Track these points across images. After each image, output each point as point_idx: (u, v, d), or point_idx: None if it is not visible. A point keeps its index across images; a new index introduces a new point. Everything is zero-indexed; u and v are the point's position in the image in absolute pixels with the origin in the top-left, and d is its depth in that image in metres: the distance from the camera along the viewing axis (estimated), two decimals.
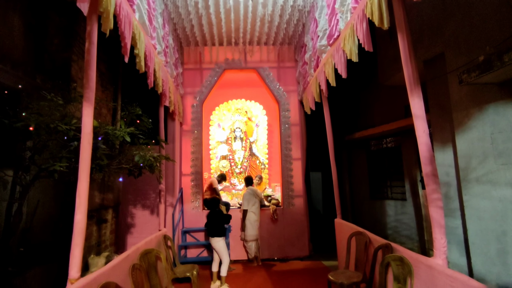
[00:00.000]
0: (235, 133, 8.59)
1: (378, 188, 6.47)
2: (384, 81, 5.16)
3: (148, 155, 3.26)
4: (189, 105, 6.64)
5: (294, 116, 6.72)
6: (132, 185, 5.66)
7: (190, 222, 6.24)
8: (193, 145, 6.52)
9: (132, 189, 5.69)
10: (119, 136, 2.87)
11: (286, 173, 6.53)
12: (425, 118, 2.55)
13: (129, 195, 5.69)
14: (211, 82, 6.71)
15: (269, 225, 6.32)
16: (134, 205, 5.66)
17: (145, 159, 3.17)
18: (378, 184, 6.47)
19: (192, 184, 6.40)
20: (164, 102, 4.94)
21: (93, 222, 3.94)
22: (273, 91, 6.76)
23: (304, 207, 6.41)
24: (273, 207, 6.37)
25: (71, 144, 2.50)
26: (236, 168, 8.45)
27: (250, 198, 5.86)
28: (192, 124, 6.57)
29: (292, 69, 6.88)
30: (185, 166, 6.44)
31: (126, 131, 3.00)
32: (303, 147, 6.65)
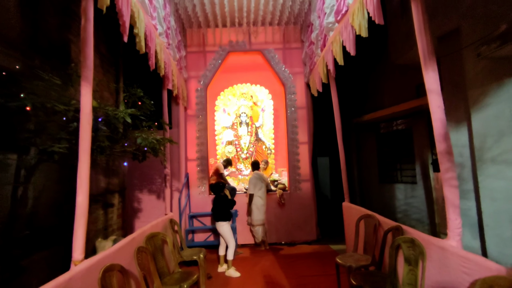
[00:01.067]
0: (241, 118, 8.47)
1: (388, 171, 6.33)
2: (395, 60, 4.94)
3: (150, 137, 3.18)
4: (193, 90, 6.52)
5: (300, 99, 6.56)
6: (138, 170, 5.64)
7: (197, 207, 6.24)
8: (198, 130, 6.44)
9: (138, 174, 5.67)
10: (119, 117, 2.79)
11: (292, 157, 6.43)
12: (440, 92, 2.40)
13: (135, 180, 5.68)
14: (215, 65, 6.55)
15: (276, 210, 6.28)
16: (140, 190, 5.66)
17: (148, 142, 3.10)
18: (387, 168, 6.33)
19: (198, 169, 6.36)
20: (167, 86, 4.84)
21: (99, 206, 3.94)
22: (278, 73, 6.59)
23: (311, 191, 6.34)
24: (279, 191, 6.31)
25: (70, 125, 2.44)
26: (242, 154, 8.39)
27: (257, 182, 5.80)
28: (197, 109, 6.47)
29: (298, 50, 6.66)
30: (191, 151, 6.39)
31: (127, 112, 2.92)
32: (310, 131, 6.52)
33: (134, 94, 3.32)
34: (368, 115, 6.14)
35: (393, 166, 6.18)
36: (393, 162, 6.17)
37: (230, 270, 4.56)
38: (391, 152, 6.24)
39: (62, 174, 3.35)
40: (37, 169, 2.85)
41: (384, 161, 6.44)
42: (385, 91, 5.98)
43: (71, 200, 3.53)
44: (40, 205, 3.10)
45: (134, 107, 3.37)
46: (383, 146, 6.47)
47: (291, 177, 6.39)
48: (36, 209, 3.07)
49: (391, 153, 6.24)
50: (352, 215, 4.43)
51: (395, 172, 6.09)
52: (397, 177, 6.06)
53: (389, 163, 6.30)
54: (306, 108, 6.52)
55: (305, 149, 6.44)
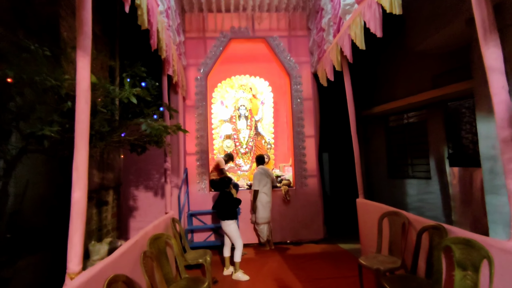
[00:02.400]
0: (240, 111, 8.08)
1: (398, 166, 6.07)
2: (415, 46, 4.64)
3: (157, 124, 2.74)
4: (192, 78, 6.06)
5: (306, 90, 6.20)
6: (134, 165, 5.16)
7: (196, 204, 5.81)
8: (197, 121, 5.99)
9: (134, 169, 5.19)
10: (123, 97, 2.35)
11: (298, 151, 6.07)
12: (503, 71, 2.07)
13: (131, 175, 5.20)
14: (216, 52, 6.11)
15: (281, 207, 5.92)
16: (136, 186, 5.18)
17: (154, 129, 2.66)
18: (397, 162, 6.07)
19: (198, 164, 5.92)
20: (168, 71, 4.38)
21: (93, 204, 3.47)
22: (283, 62, 6.20)
23: (318, 187, 6.01)
24: (285, 187, 5.95)
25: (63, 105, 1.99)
26: (241, 148, 7.99)
27: (262, 178, 5.43)
28: (197, 99, 6.02)
29: (304, 39, 6.29)
30: (190, 144, 5.94)
31: (132, 91, 2.47)
32: (317, 124, 6.17)
33: (135, 74, 2.85)
34: (378, 107, 5.85)
35: (403, 160, 5.92)
36: (404, 157, 5.91)
37: (237, 273, 4.18)
38: (402, 146, 5.97)
39: (50, 166, 2.87)
40: (22, 162, 2.37)
41: (394, 155, 6.17)
42: (397, 82, 5.69)
43: (60, 197, 3.06)
44: (24, 203, 2.62)
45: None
46: (392, 140, 6.20)
47: (296, 172, 6.03)
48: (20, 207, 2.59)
49: (402, 147, 5.97)
50: (370, 212, 4.11)
51: (406, 167, 5.84)
52: (408, 172, 5.81)
53: (399, 158, 6.04)
54: (312, 100, 6.16)
55: (312, 143, 6.10)
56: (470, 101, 4.65)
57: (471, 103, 4.62)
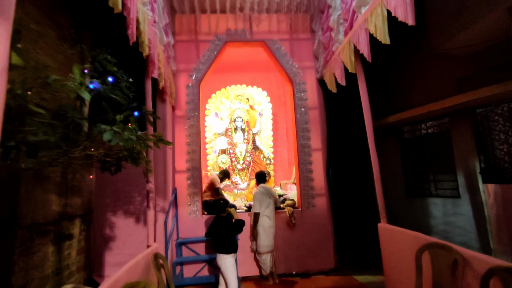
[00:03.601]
0: (236, 124, 7.38)
1: (417, 183, 5.36)
2: (438, 46, 4.05)
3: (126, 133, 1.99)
4: (182, 86, 5.35)
5: (311, 98, 5.53)
6: (110, 186, 4.35)
7: (187, 230, 4.98)
8: (188, 134, 5.24)
9: (111, 191, 4.37)
10: (69, 90, 1.62)
11: (304, 167, 5.33)
12: None
13: (107, 198, 4.37)
14: (209, 57, 5.44)
15: (284, 232, 5.12)
16: (114, 212, 4.35)
17: (123, 140, 1.92)
18: (416, 179, 5.36)
19: (189, 183, 5.13)
20: (152, 73, 3.67)
21: (49, 240, 2.66)
22: (285, 68, 5.56)
23: (327, 208, 5.24)
24: (289, 209, 5.17)
25: None
26: (238, 164, 7.24)
27: (263, 198, 4.65)
28: (188, 109, 5.29)
29: (307, 42, 5.69)
30: (179, 161, 5.16)
31: (84, 83, 1.73)
32: (324, 135, 5.48)
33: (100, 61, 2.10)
34: (393, 116, 5.19)
35: (424, 176, 5.22)
36: (424, 172, 5.21)
37: None
38: (421, 160, 5.28)
39: None
40: None
41: (412, 171, 5.47)
42: (413, 87, 5.06)
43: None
44: None
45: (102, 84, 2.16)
46: (409, 153, 5.52)
47: (302, 191, 5.27)
48: None
49: (421, 161, 5.28)
50: (400, 242, 3.35)
51: (427, 184, 5.13)
52: (430, 189, 5.10)
53: (418, 174, 5.34)
54: (318, 109, 5.49)
55: (319, 157, 5.38)
56: (504, 107, 4.03)
57: (505, 109, 4.00)
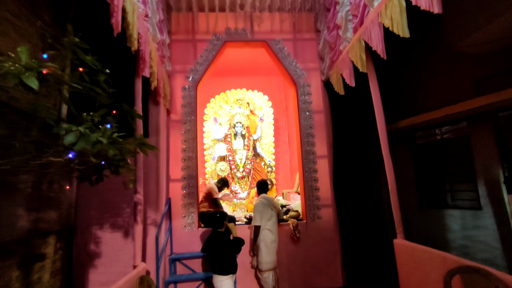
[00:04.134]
0: (235, 129, 7.01)
1: (432, 193, 4.95)
2: (456, 43, 3.69)
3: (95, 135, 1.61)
4: (178, 88, 4.99)
5: (316, 101, 5.17)
6: (97, 196, 3.94)
7: (181, 245, 4.55)
8: (184, 140, 4.86)
9: (97, 202, 3.96)
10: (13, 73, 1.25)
11: (309, 175, 4.94)
12: None
13: (93, 210, 3.96)
14: (207, 57, 5.10)
15: (288, 246, 4.69)
16: (100, 225, 3.93)
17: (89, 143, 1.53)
18: (431, 189, 4.95)
19: (184, 193, 4.73)
20: (143, 71, 3.31)
21: (14, 263, 2.25)
22: (288, 69, 5.21)
23: (334, 220, 4.82)
24: (293, 221, 4.76)
25: None
26: (237, 172, 6.84)
27: (265, 210, 4.23)
28: (184, 113, 4.92)
29: (312, 42, 5.35)
30: (174, 168, 4.77)
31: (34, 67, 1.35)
32: (330, 141, 5.09)
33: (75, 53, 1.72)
34: (405, 120, 4.81)
35: (439, 186, 4.82)
36: (440, 181, 4.81)
37: None
38: (436, 168, 4.88)
39: None
40: None
41: (426, 180, 5.05)
42: (427, 89, 4.68)
43: None
44: None
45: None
46: (422, 160, 5.12)
47: (307, 201, 4.86)
48: None
49: (436, 169, 4.88)
50: (422, 262, 2.94)
51: (444, 194, 4.72)
52: (446, 200, 4.69)
53: (433, 183, 4.93)
54: (324, 113, 5.12)
55: (324, 164, 4.98)
56: None
57: None
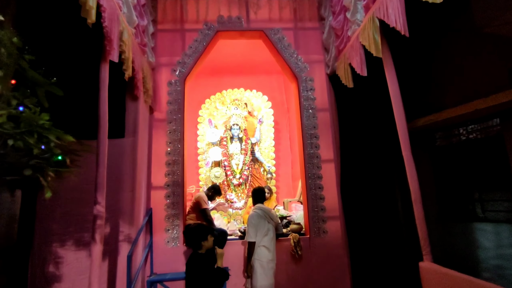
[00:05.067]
0: (232, 132, 6.41)
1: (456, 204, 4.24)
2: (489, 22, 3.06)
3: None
4: (164, 83, 4.41)
5: (321, 98, 4.53)
6: (60, 207, 3.32)
7: (164, 264, 3.89)
8: (169, 141, 4.24)
9: (60, 214, 3.33)
10: None
11: (312, 182, 4.27)
12: None
13: (54, 224, 3.32)
14: (197, 48, 4.52)
15: (288, 266, 4.01)
16: (62, 241, 3.29)
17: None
18: (454, 198, 4.24)
19: (168, 203, 4.09)
20: (110, 54, 2.71)
21: None
22: (288, 62, 4.60)
23: (342, 234, 4.14)
24: (294, 236, 4.08)
25: None
26: (233, 178, 6.20)
27: (260, 223, 3.55)
28: (169, 111, 4.32)
29: (315, 32, 4.75)
30: (157, 174, 4.14)
31: None
32: (336, 143, 4.45)
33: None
34: (424, 118, 4.12)
35: (466, 195, 4.11)
36: (467, 190, 4.11)
37: None
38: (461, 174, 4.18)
39: None
40: None
41: (448, 188, 4.35)
42: (449, 81, 4.00)
43: None
44: None
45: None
46: (443, 165, 4.43)
47: (311, 213, 4.19)
48: None
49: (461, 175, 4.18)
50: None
51: (472, 204, 4.02)
52: (475, 212, 3.98)
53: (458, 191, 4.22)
54: (329, 111, 4.48)
55: (331, 169, 4.33)
56: None
57: None
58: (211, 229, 2.65)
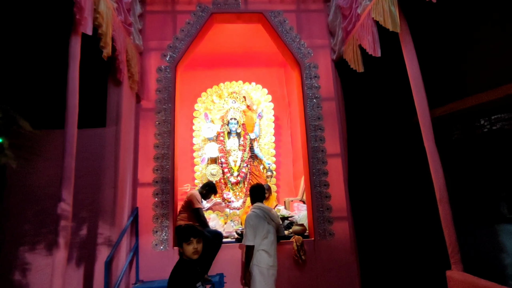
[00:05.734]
0: (229, 126, 6.00)
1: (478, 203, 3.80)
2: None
3: None
4: (153, 69, 3.99)
5: (326, 86, 4.11)
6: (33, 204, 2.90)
7: (151, 269, 3.47)
8: (158, 133, 3.82)
9: (33, 213, 2.90)
10: None
11: (317, 178, 3.85)
12: None
13: (26, 224, 2.90)
14: (190, 32, 4.10)
15: (291, 272, 3.59)
16: (33, 244, 2.86)
17: None
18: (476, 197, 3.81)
19: (156, 201, 3.67)
20: (82, 24, 2.29)
21: None
22: (290, 47, 4.18)
23: (350, 237, 3.71)
24: (297, 238, 3.66)
25: None
26: (231, 176, 5.79)
27: (259, 224, 3.13)
28: (158, 99, 3.90)
29: (319, 14, 4.33)
30: (144, 169, 3.73)
31: None
32: (343, 136, 4.03)
33: None
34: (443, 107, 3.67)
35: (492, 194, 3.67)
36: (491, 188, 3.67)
37: None
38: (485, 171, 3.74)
39: None
40: None
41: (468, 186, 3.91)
42: (472, 64, 3.54)
43: None
44: None
45: None
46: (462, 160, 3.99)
47: (315, 213, 3.77)
48: None
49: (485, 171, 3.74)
50: None
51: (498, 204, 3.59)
52: (502, 212, 3.55)
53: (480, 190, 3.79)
54: (335, 100, 4.06)
55: (337, 164, 3.90)
56: None
57: None
58: (198, 233, 2.03)
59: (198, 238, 1.98)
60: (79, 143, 2.29)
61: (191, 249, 1.92)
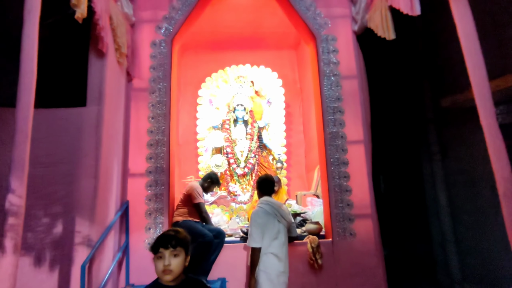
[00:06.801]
0: (236, 113, 5.49)
1: None
2: None
3: None
4: (146, 43, 3.49)
5: (346, 61, 3.53)
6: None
7: (143, 271, 3.02)
8: (151, 117, 3.33)
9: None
10: None
11: (335, 169, 3.30)
12: None
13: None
14: (187, 2, 3.57)
15: (305, 279, 3.08)
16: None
17: None
18: None
19: (149, 194, 3.20)
20: None
21: None
22: (304, 17, 3.60)
23: (375, 238, 3.17)
24: (312, 239, 3.14)
25: None
26: (237, 168, 5.29)
27: (268, 222, 2.61)
28: (152, 78, 3.40)
29: None
30: (136, 157, 3.26)
31: None
32: (367, 120, 3.45)
33: None
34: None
35: None
36: None
37: None
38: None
39: None
40: None
41: None
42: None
43: None
44: None
45: None
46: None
47: (333, 209, 3.23)
48: None
49: None
50: None
51: None
52: None
53: None
54: (358, 78, 3.48)
55: (360, 153, 3.34)
56: None
57: None
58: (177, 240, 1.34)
59: (174, 249, 1.31)
60: (51, 125, 1.84)
61: (160, 267, 1.32)
